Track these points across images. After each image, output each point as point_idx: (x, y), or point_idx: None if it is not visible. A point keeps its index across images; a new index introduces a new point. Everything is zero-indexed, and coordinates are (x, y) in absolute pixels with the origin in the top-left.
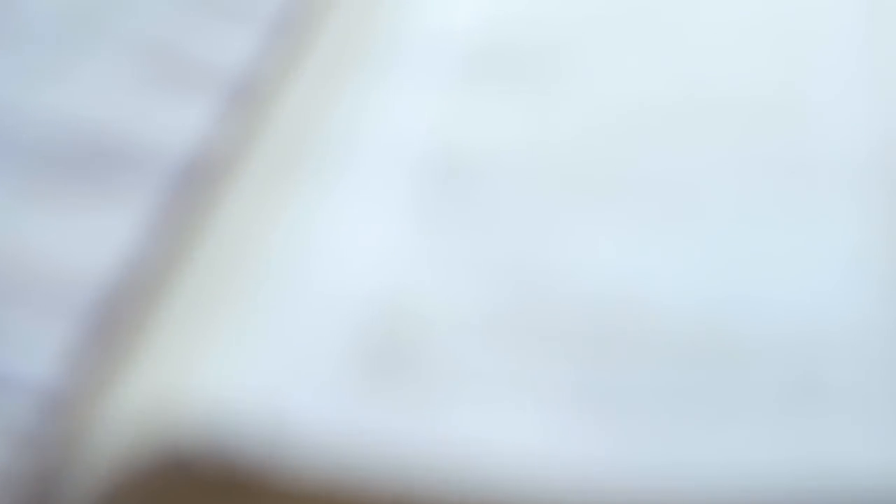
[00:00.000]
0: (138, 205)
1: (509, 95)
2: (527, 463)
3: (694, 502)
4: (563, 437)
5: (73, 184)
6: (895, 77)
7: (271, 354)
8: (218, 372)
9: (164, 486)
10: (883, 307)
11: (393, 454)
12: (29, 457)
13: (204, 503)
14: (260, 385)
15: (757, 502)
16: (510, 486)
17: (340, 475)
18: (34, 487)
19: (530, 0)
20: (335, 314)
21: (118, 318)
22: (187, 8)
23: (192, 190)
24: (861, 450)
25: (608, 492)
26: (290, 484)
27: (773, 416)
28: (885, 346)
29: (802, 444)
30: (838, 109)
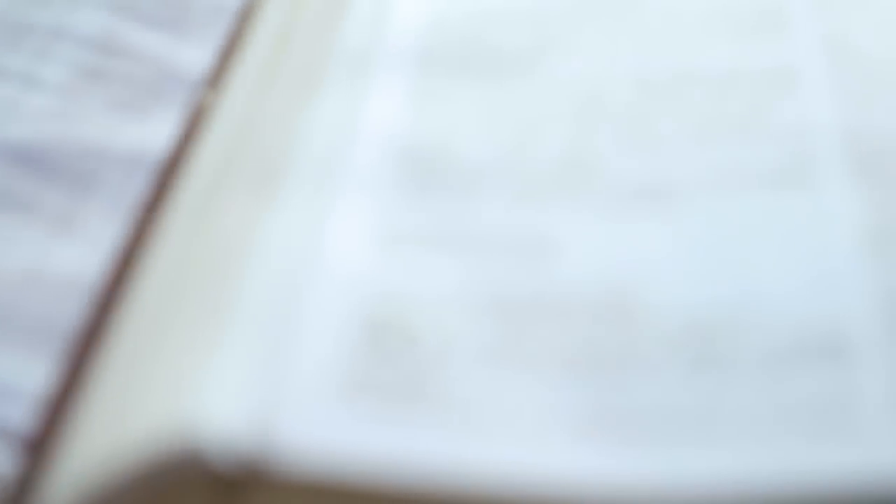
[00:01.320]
0: (103, 216)
1: (473, 90)
2: (528, 472)
3: None
4: (569, 453)
5: (37, 198)
6: (849, 44)
7: (265, 371)
8: (211, 389)
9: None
10: (881, 302)
11: (390, 462)
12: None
13: None
14: (254, 401)
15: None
16: (510, 492)
17: (337, 483)
18: None
19: None
20: (327, 324)
21: (93, 341)
22: (132, 15)
23: (158, 200)
24: (872, 452)
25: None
26: (283, 489)
27: (779, 422)
28: (887, 346)
29: (808, 448)
30: (804, 81)
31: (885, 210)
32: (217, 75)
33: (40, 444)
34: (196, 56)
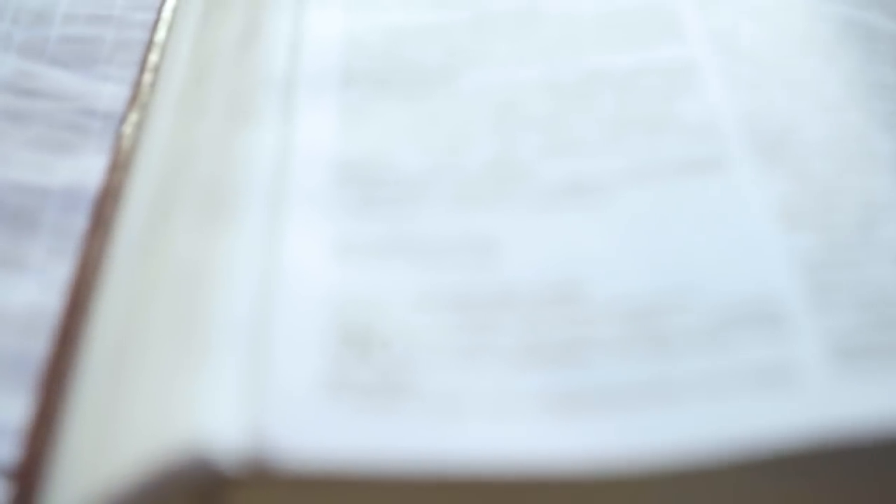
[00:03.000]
0: (50, 252)
1: (398, 104)
2: (506, 452)
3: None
4: (541, 431)
5: None
6: (736, 37)
7: (253, 384)
8: (207, 406)
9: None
10: (802, 269)
11: (376, 452)
12: None
13: None
14: (248, 411)
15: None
16: (489, 472)
17: (329, 475)
18: None
19: (398, 15)
20: (303, 336)
21: (62, 372)
22: (41, 55)
23: (99, 233)
24: (812, 406)
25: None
26: (281, 486)
27: (727, 385)
28: (813, 308)
29: (755, 406)
30: (702, 75)
31: (791, 185)
32: (135, 107)
33: (26, 474)
34: (110, 90)
